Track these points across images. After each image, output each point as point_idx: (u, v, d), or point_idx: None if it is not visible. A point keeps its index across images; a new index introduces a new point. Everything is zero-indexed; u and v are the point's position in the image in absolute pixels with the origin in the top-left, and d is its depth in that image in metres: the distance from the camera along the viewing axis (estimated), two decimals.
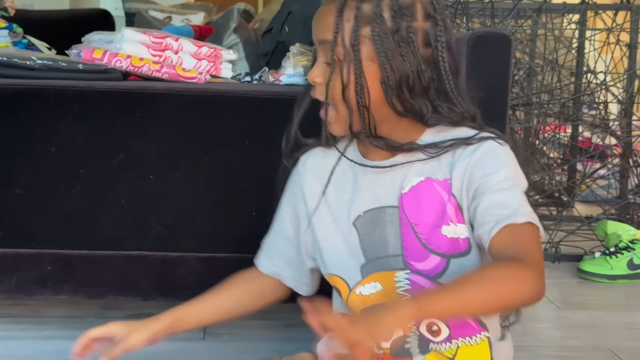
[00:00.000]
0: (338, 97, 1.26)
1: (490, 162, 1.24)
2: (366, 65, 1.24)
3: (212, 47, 1.83)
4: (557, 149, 3.58)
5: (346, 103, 1.25)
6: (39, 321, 1.86)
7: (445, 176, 1.28)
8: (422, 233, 1.28)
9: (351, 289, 1.35)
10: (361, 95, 1.24)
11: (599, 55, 3.08)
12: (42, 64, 1.69)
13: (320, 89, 1.28)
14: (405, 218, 1.29)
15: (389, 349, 1.33)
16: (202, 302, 1.45)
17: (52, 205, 1.66)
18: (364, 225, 1.33)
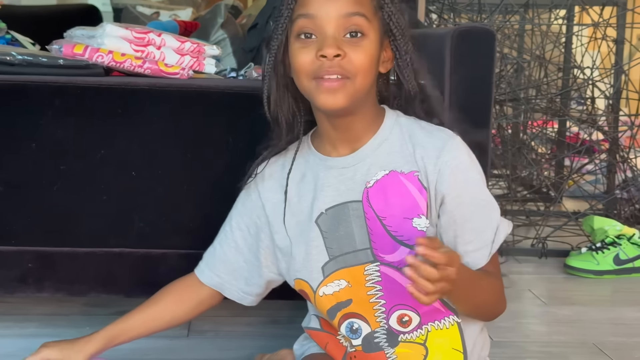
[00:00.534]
0: (365, 69, 1.25)
1: (458, 170, 1.27)
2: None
3: (195, 43, 1.81)
4: (544, 144, 3.59)
5: (363, 75, 1.26)
6: (23, 319, 1.85)
7: (411, 168, 1.29)
8: (390, 225, 1.28)
9: (315, 290, 1.34)
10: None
11: (586, 50, 3.08)
12: (22, 60, 1.68)
13: (346, 63, 1.24)
14: (371, 212, 1.29)
15: (360, 345, 1.34)
16: (135, 316, 1.47)
17: (33, 202, 1.64)
18: (326, 222, 1.32)
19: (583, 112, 3.27)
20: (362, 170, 1.31)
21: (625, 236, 2.53)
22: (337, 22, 1.24)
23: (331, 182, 1.33)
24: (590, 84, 3.06)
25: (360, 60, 1.24)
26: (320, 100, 1.25)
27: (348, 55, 1.23)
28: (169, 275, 1.68)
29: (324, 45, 1.23)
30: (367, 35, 1.25)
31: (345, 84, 1.24)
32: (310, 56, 1.24)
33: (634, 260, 2.49)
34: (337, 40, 1.23)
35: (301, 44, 1.26)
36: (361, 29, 1.24)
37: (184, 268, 1.68)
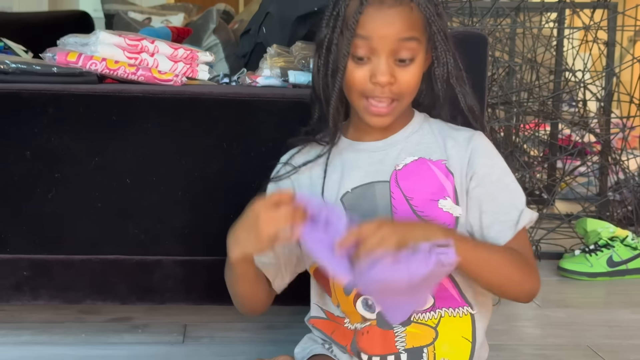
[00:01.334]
0: (412, 90, 1.36)
1: (487, 154, 1.38)
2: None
3: (189, 49, 1.82)
4: (537, 147, 3.60)
5: (410, 94, 1.36)
6: (18, 327, 1.85)
7: (439, 157, 1.38)
8: (417, 206, 1.35)
9: None
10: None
11: (577, 53, 3.09)
12: (16, 68, 1.68)
13: (396, 88, 1.33)
14: (399, 192, 1.36)
15: (375, 319, 1.37)
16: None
17: (28, 210, 1.65)
18: (351, 200, 1.38)
19: (575, 114, 3.28)
20: (392, 154, 1.39)
21: (619, 238, 2.53)
22: (392, 46, 1.31)
23: (360, 163, 1.40)
24: (582, 86, 3.07)
25: (410, 83, 1.34)
26: (368, 119, 1.36)
27: (398, 80, 1.32)
28: (164, 282, 1.69)
29: (378, 72, 1.31)
30: (418, 56, 1.33)
31: (394, 107, 1.35)
32: (364, 76, 1.33)
33: (627, 262, 2.49)
34: (390, 66, 1.31)
35: (356, 62, 1.33)
36: (413, 53, 1.32)
37: (179, 275, 1.69)
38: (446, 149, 1.38)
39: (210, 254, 1.68)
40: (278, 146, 1.59)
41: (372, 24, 1.30)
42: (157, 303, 1.72)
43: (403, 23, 1.31)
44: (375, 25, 1.30)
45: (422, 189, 1.35)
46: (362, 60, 1.32)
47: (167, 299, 1.70)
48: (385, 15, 1.31)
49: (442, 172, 1.36)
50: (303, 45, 1.89)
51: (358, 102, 1.35)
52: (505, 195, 1.37)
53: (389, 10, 1.31)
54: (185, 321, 1.90)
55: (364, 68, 1.32)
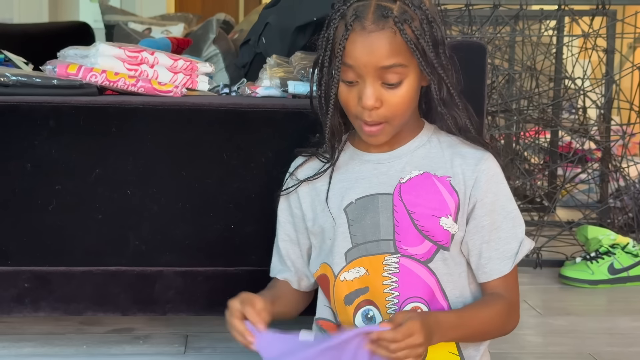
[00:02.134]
0: (403, 111, 1.35)
1: (494, 180, 1.38)
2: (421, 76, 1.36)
3: (188, 60, 1.82)
4: (537, 154, 3.60)
5: (400, 116, 1.35)
6: (19, 338, 1.85)
7: (444, 173, 1.38)
8: (418, 220, 1.36)
9: (336, 275, 1.40)
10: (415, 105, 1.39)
11: (576, 60, 3.10)
12: (17, 80, 1.68)
13: (384, 111, 1.33)
14: (401, 205, 1.37)
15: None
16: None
17: (29, 222, 1.65)
18: (354, 211, 1.39)
19: (575, 121, 3.29)
20: (397, 167, 1.40)
21: (620, 245, 2.53)
22: (375, 73, 1.31)
23: (365, 175, 1.41)
24: (582, 94, 3.07)
25: (398, 105, 1.33)
26: (364, 138, 1.38)
27: (385, 103, 1.32)
28: (165, 293, 1.69)
29: (363, 96, 1.32)
30: (407, 78, 1.33)
31: (384, 127, 1.35)
32: (353, 99, 1.34)
33: (628, 270, 2.49)
34: (376, 90, 1.32)
35: (347, 85, 1.35)
36: (399, 78, 1.32)
37: (180, 285, 1.69)
38: (452, 165, 1.38)
39: (211, 264, 1.68)
40: (278, 156, 1.59)
41: (355, 52, 1.31)
42: (158, 314, 1.72)
43: (385, 50, 1.30)
44: (358, 53, 1.30)
45: (425, 204, 1.36)
46: (352, 84, 1.34)
47: (168, 310, 1.70)
48: (367, 43, 1.30)
49: (447, 190, 1.37)
50: (302, 56, 1.89)
51: (354, 121, 1.37)
52: (507, 224, 1.39)
53: (371, 36, 1.30)
54: (186, 332, 1.90)
55: (353, 91, 1.34)
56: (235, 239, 1.68)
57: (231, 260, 1.69)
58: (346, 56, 1.31)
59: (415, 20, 1.32)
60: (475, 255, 1.38)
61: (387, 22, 1.30)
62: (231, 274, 1.68)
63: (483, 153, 1.39)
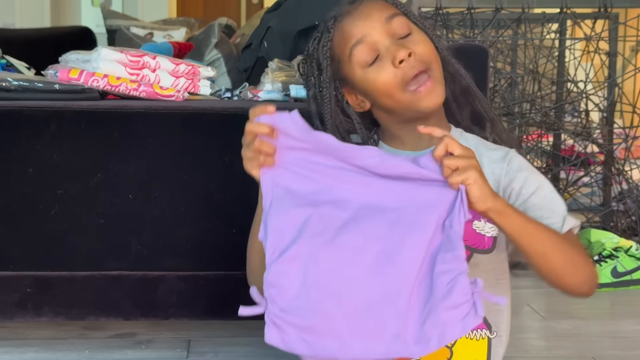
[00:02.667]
0: (433, 56, 1.35)
1: (523, 168, 1.36)
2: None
3: (190, 65, 1.82)
4: (540, 157, 3.59)
5: (435, 61, 1.35)
6: (21, 344, 1.85)
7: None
8: None
9: None
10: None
11: (579, 64, 3.09)
12: (19, 85, 1.68)
13: (419, 56, 1.32)
14: None
15: None
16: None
17: (31, 227, 1.65)
18: None
19: (577, 125, 3.28)
20: None
21: (623, 248, 2.53)
22: (386, 30, 1.33)
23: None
24: (584, 97, 3.07)
25: (425, 49, 1.34)
26: (423, 104, 1.33)
27: (414, 51, 1.32)
28: (167, 297, 1.68)
29: (394, 52, 1.31)
30: (414, 31, 1.35)
31: (435, 78, 1.33)
32: (388, 71, 1.32)
33: (631, 273, 2.49)
34: (396, 42, 1.32)
35: (371, 68, 1.34)
36: (407, 28, 1.34)
37: (183, 290, 1.68)
38: (482, 164, 1.32)
39: (213, 268, 1.68)
40: None
41: (357, 22, 1.34)
42: (161, 318, 1.72)
43: (378, 8, 1.35)
44: (360, 21, 1.34)
45: None
46: (374, 62, 1.33)
47: (170, 314, 1.70)
48: (362, 10, 1.35)
49: None
50: None
51: (402, 98, 1.33)
52: (546, 205, 1.34)
53: (363, 4, 1.36)
54: (189, 336, 1.90)
55: (381, 65, 1.33)
56: (237, 244, 1.67)
57: (233, 265, 1.68)
58: (352, 36, 1.34)
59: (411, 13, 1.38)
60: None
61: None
62: (233, 279, 1.67)
63: (507, 150, 1.38)
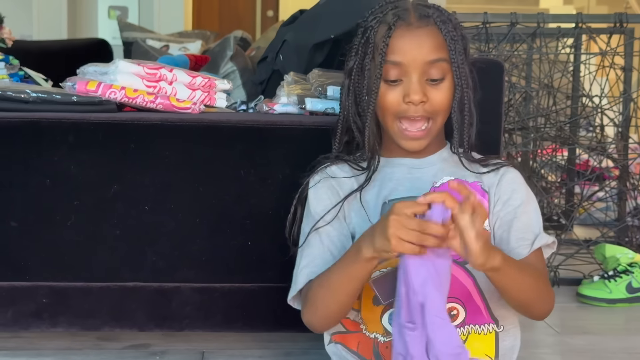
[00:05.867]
0: (445, 109, 1.41)
1: (513, 181, 1.45)
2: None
3: (207, 77, 1.83)
4: (554, 172, 3.58)
5: (443, 113, 1.41)
6: (37, 354, 1.85)
7: (474, 179, 1.44)
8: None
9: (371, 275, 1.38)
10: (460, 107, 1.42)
11: (594, 78, 3.09)
12: (37, 97, 1.70)
13: (429, 106, 1.38)
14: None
15: None
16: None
17: (48, 238, 1.66)
18: (383, 212, 1.40)
19: (592, 139, 3.27)
20: (430, 172, 1.44)
21: (638, 264, 2.51)
22: (422, 68, 1.38)
23: (398, 176, 1.45)
24: (599, 111, 3.06)
25: (442, 102, 1.39)
26: (404, 144, 1.42)
27: (431, 99, 1.38)
28: (182, 309, 1.69)
29: (411, 91, 1.37)
30: (448, 75, 1.40)
31: (429, 129, 1.40)
32: (397, 98, 1.39)
33: None
34: (422, 85, 1.37)
35: (389, 86, 1.39)
36: (442, 73, 1.39)
37: (197, 301, 1.69)
38: (479, 175, 1.45)
39: (228, 280, 1.69)
40: (295, 173, 1.59)
41: (403, 46, 1.37)
42: (175, 330, 1.73)
43: (431, 44, 1.38)
44: (406, 47, 1.37)
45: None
46: (395, 83, 1.38)
47: (185, 326, 1.71)
48: (414, 37, 1.38)
49: (479, 192, 1.41)
50: (320, 73, 1.90)
51: (392, 125, 1.41)
52: (525, 220, 1.43)
53: (418, 31, 1.38)
54: (203, 348, 1.90)
55: (396, 90, 1.38)
56: (252, 256, 1.69)
57: (248, 277, 1.69)
58: (391, 53, 1.37)
59: (450, 24, 1.40)
60: (497, 243, 1.42)
61: (429, 20, 1.39)
62: (248, 290, 1.68)
63: (503, 163, 1.47)
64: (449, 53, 1.39)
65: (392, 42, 1.37)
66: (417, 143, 1.41)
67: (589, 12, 6.92)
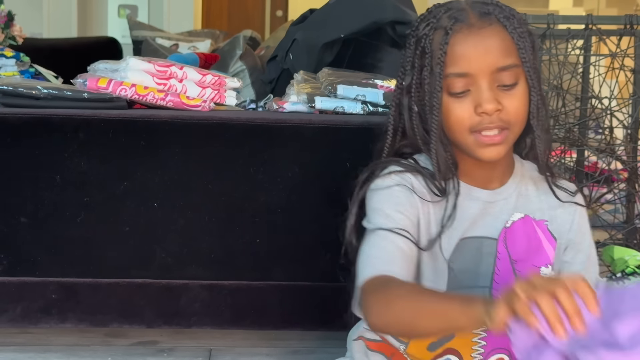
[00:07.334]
0: (522, 116, 1.24)
1: (585, 231, 1.35)
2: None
3: (217, 75, 1.84)
4: (563, 173, 3.58)
5: (520, 122, 1.25)
6: (45, 349, 1.86)
7: (541, 216, 1.31)
8: (519, 270, 1.28)
9: None
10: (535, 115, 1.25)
11: (603, 80, 3.08)
12: (48, 93, 1.70)
13: (504, 115, 1.21)
14: (505, 252, 1.28)
15: None
16: None
17: (57, 234, 1.66)
18: (458, 250, 1.28)
19: (601, 141, 3.27)
20: (502, 208, 1.30)
21: None
22: (492, 76, 1.20)
23: (473, 212, 1.29)
24: (609, 113, 3.05)
25: (518, 109, 1.22)
26: (481, 154, 1.23)
27: (506, 106, 1.21)
28: (190, 306, 1.69)
29: (483, 101, 1.20)
30: (521, 79, 1.23)
31: (507, 136, 1.23)
32: (468, 111, 1.21)
33: None
34: (494, 93, 1.20)
35: (455, 98, 1.22)
36: (515, 78, 1.22)
37: (206, 298, 1.69)
38: (549, 207, 1.32)
39: (236, 278, 1.69)
40: (304, 171, 1.60)
41: (464, 55, 1.20)
42: (183, 327, 1.73)
43: (498, 48, 1.21)
44: (471, 53, 1.20)
45: (528, 254, 1.29)
46: (462, 94, 1.21)
47: (193, 323, 1.71)
48: (479, 40, 1.21)
49: (546, 237, 1.30)
50: (330, 72, 1.90)
51: (466, 139, 1.23)
52: (590, 265, 1.36)
53: (482, 32, 1.21)
54: (210, 345, 1.91)
55: (465, 101, 1.21)
56: (261, 253, 1.69)
57: (257, 274, 1.70)
58: (454, 63, 1.20)
59: (514, 20, 1.23)
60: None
61: (491, 18, 1.21)
62: (256, 288, 1.68)
63: (573, 193, 1.35)
64: (518, 54, 1.21)
65: (452, 49, 1.20)
66: (495, 150, 1.22)
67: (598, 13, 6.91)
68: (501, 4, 1.24)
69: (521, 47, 1.21)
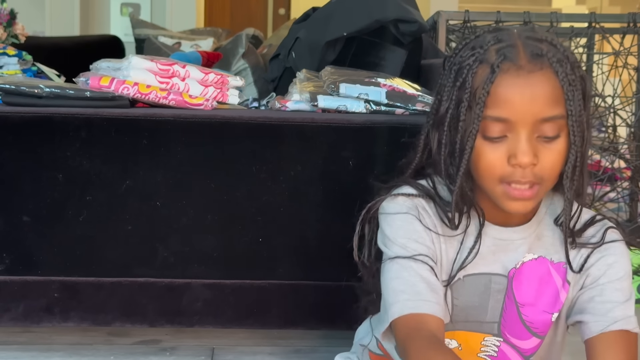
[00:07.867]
0: (557, 171, 1.15)
1: (619, 273, 1.21)
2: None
3: (219, 74, 1.84)
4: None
5: (554, 178, 1.16)
6: (47, 348, 1.86)
7: (560, 259, 1.22)
8: (526, 315, 1.23)
9: None
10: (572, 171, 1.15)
11: (607, 78, 3.08)
12: (50, 92, 1.70)
13: (538, 169, 1.12)
14: (511, 293, 1.23)
15: None
16: None
17: (59, 233, 1.66)
18: (465, 284, 1.23)
19: (605, 140, 3.26)
20: (515, 247, 1.22)
21: None
22: (534, 127, 1.11)
23: (483, 249, 1.22)
24: (612, 112, 3.05)
25: (554, 165, 1.13)
26: (508, 206, 1.15)
27: (541, 160, 1.12)
28: (192, 305, 1.69)
29: (519, 152, 1.10)
30: (562, 132, 1.13)
31: (537, 191, 1.14)
32: (500, 159, 1.12)
33: None
34: (532, 145, 1.11)
35: (490, 142, 1.13)
36: (558, 130, 1.12)
37: (208, 297, 1.69)
38: (571, 252, 1.22)
39: (239, 277, 1.69)
40: (307, 170, 1.60)
41: (508, 100, 1.10)
42: (186, 326, 1.73)
43: (546, 97, 1.10)
44: (516, 99, 1.10)
45: (537, 297, 1.22)
46: (497, 139, 1.12)
47: (195, 322, 1.71)
48: (527, 86, 1.10)
49: (561, 280, 1.22)
50: (332, 70, 1.90)
51: (494, 187, 1.14)
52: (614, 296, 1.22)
53: (531, 78, 1.10)
54: (213, 344, 1.91)
55: (499, 148, 1.12)
56: (263, 252, 1.69)
57: (259, 273, 1.69)
58: (495, 106, 1.11)
59: (567, 64, 1.13)
60: (582, 310, 1.21)
61: (543, 61, 1.11)
62: (259, 287, 1.68)
63: (604, 232, 1.22)
64: (566, 104, 1.11)
65: (496, 90, 1.10)
66: (522, 205, 1.14)
67: (601, 11, 6.90)
68: (556, 42, 1.14)
69: (569, 98, 1.11)
